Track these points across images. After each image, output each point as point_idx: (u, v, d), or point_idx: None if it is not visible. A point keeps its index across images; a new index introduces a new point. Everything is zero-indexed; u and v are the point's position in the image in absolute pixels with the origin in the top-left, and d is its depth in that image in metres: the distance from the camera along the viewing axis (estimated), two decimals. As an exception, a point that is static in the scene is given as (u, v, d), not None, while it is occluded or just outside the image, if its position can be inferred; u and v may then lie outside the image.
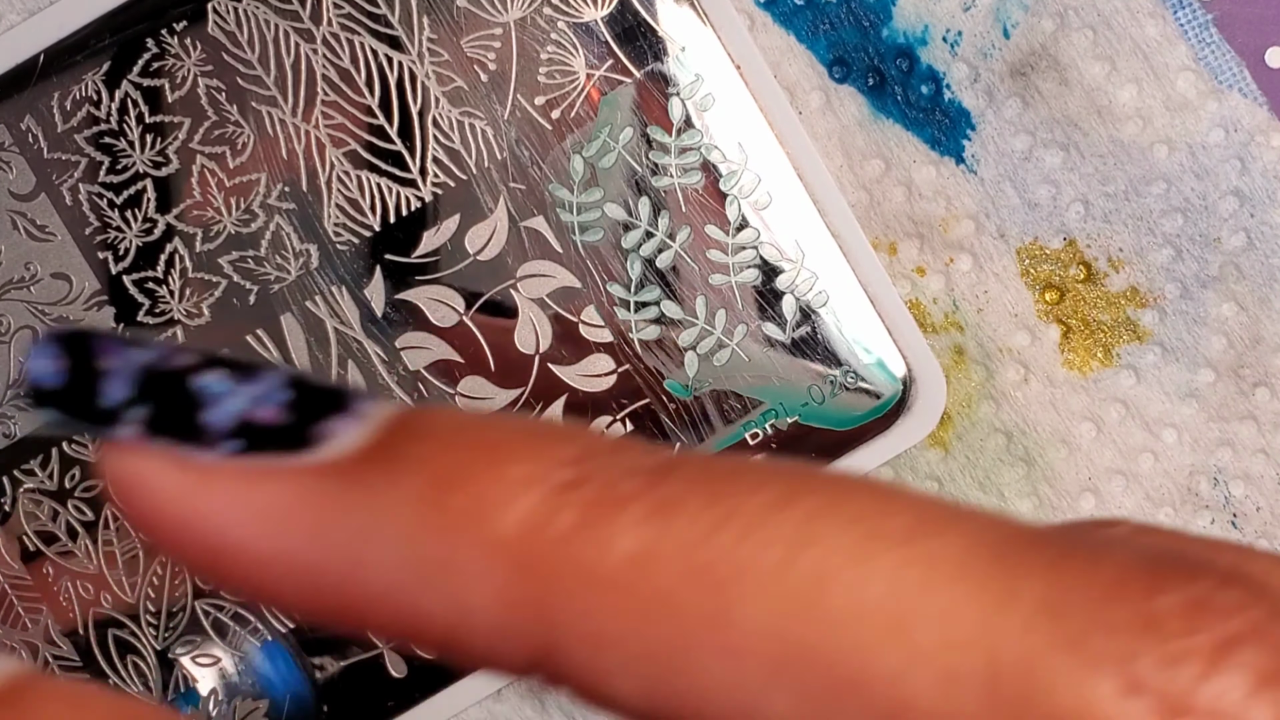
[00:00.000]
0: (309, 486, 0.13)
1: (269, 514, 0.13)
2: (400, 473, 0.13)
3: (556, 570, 0.12)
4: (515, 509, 0.13)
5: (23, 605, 0.27)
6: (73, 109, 0.27)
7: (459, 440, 0.13)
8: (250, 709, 0.27)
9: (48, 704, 0.12)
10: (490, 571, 0.13)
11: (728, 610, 0.12)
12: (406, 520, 0.13)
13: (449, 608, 0.13)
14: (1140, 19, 0.28)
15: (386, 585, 0.13)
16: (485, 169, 0.27)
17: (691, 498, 0.12)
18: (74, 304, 0.27)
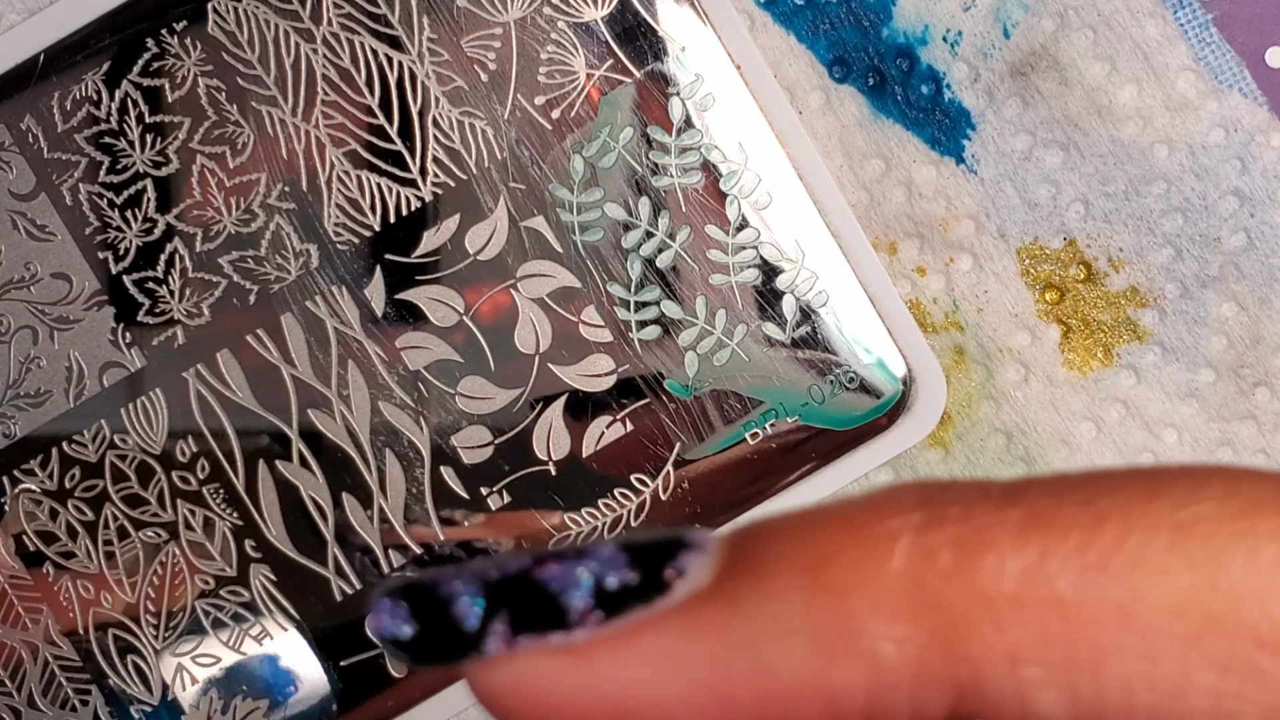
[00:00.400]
0: (689, 622, 0.13)
1: (665, 660, 0.13)
2: (768, 574, 0.13)
3: (956, 602, 0.13)
4: (894, 561, 0.13)
5: (23, 605, 0.27)
6: (73, 109, 0.27)
7: (803, 528, 0.13)
8: (250, 709, 0.27)
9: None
10: (893, 622, 0.13)
11: (1135, 597, 0.13)
12: (795, 611, 0.13)
13: (864, 673, 0.13)
14: (1140, 19, 0.28)
15: (799, 679, 0.13)
16: (485, 169, 0.27)
17: (1053, 509, 0.13)
18: (74, 304, 0.27)
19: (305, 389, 0.27)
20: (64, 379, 0.27)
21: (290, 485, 0.27)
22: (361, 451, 0.27)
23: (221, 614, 0.27)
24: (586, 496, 0.27)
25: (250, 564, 0.27)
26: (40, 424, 0.27)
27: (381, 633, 0.13)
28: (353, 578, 0.27)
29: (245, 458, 0.27)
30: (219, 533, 0.27)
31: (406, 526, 0.27)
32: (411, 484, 0.27)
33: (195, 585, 0.27)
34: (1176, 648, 0.13)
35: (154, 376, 0.27)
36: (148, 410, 0.27)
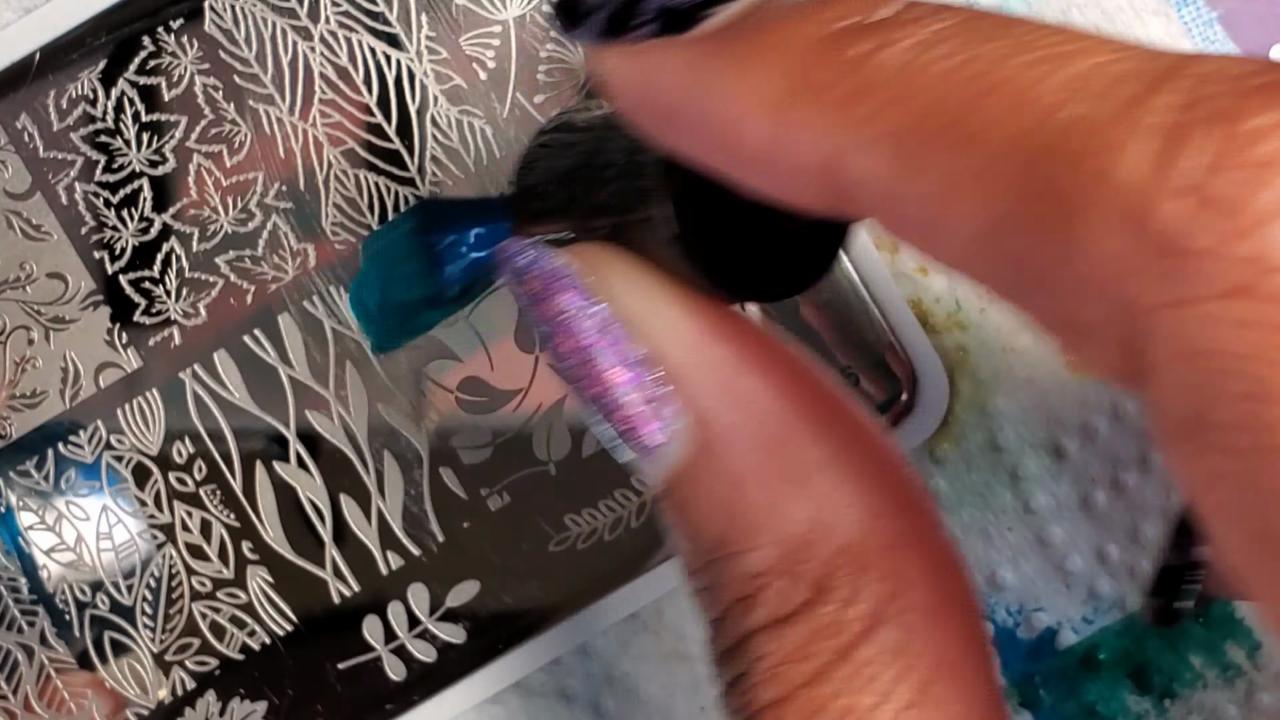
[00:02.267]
0: (683, 55, 0.17)
1: (672, 70, 0.18)
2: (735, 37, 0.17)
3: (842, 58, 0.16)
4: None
5: (19, 608, 0.27)
6: (69, 107, 0.27)
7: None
8: (248, 712, 0.27)
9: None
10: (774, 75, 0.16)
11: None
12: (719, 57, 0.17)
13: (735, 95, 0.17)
14: (1144, 17, 0.28)
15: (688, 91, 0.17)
16: (484, 168, 0.27)
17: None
18: (70, 303, 0.27)
19: (303, 390, 0.27)
20: (59, 379, 0.27)
21: (288, 487, 0.27)
22: (360, 452, 0.27)
23: (218, 616, 0.27)
24: (587, 497, 0.27)
25: (248, 566, 0.27)
26: (36, 425, 0.27)
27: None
28: (351, 579, 0.27)
29: (242, 459, 0.27)
30: (216, 534, 0.27)
31: (405, 528, 0.27)
32: (410, 485, 0.27)
33: (192, 588, 0.27)
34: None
35: (150, 377, 0.27)
36: (144, 411, 0.27)
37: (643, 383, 0.19)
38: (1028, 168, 0.14)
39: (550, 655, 0.28)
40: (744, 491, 0.18)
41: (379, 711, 0.27)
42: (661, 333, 0.19)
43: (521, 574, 0.27)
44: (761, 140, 0.16)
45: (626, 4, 0.18)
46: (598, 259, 0.20)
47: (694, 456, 0.19)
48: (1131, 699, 0.29)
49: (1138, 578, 0.29)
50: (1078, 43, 0.14)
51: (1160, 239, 0.13)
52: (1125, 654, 0.29)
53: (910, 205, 0.15)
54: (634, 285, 0.19)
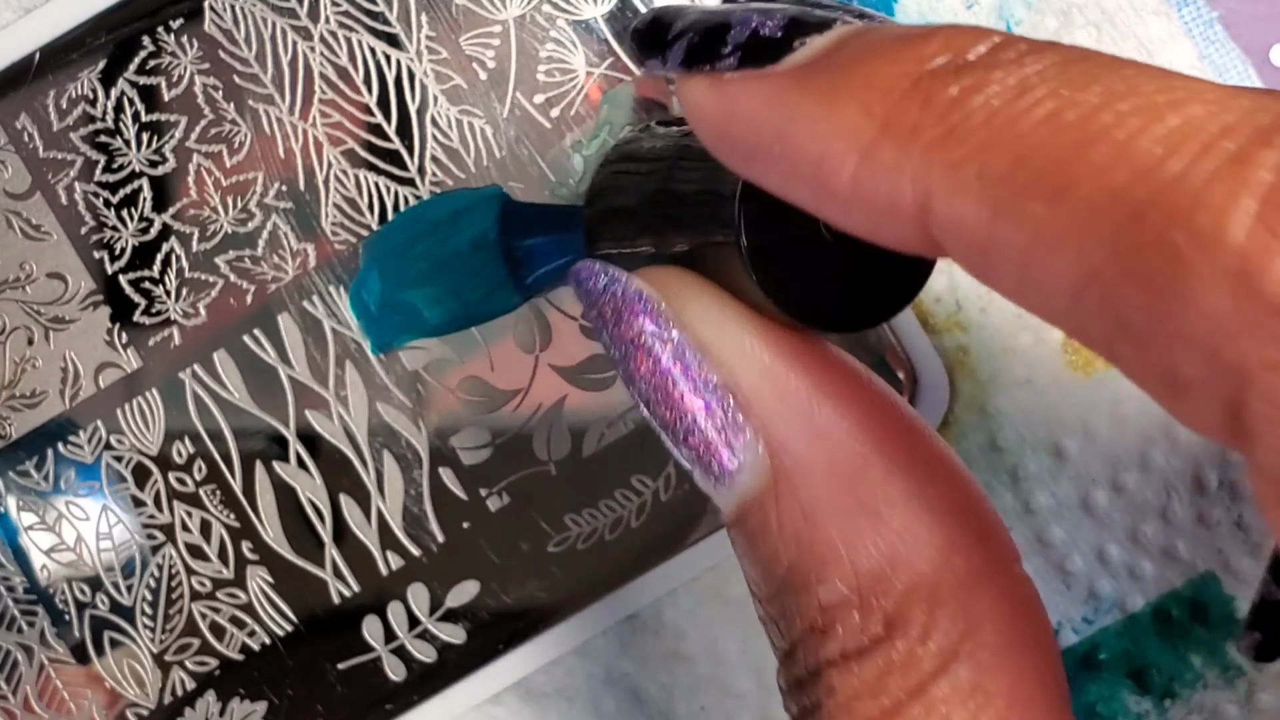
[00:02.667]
0: (770, 88, 0.17)
1: (757, 102, 0.18)
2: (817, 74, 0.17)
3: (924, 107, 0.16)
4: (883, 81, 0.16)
5: (18, 608, 0.27)
6: (68, 107, 0.27)
7: (849, 47, 0.17)
8: (248, 712, 0.27)
9: None
10: (864, 115, 0.16)
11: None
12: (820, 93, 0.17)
13: (824, 133, 0.17)
14: (1145, 16, 0.28)
15: (783, 124, 0.17)
16: (484, 168, 0.27)
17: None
18: (69, 304, 0.27)
19: (303, 390, 0.27)
20: (59, 380, 0.27)
21: (288, 487, 0.27)
22: (359, 452, 0.27)
23: (218, 616, 0.27)
24: (587, 497, 0.27)
25: (247, 566, 0.27)
26: (36, 425, 0.27)
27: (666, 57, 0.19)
28: (350, 580, 0.27)
29: (242, 459, 0.27)
30: (216, 534, 0.27)
31: (405, 528, 0.27)
32: (410, 485, 0.27)
33: (192, 588, 0.27)
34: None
35: (150, 377, 0.27)
36: (144, 411, 0.27)
37: (717, 409, 0.19)
38: (1129, 222, 0.14)
39: (550, 655, 0.28)
40: (818, 523, 0.18)
41: (379, 712, 0.27)
42: (736, 360, 0.19)
43: (521, 574, 0.27)
44: (849, 180, 0.16)
45: (711, 32, 0.18)
46: (673, 284, 0.20)
47: (767, 485, 0.19)
48: (1132, 699, 0.29)
49: (1138, 578, 0.29)
50: (1177, 90, 0.14)
51: (1271, 300, 0.13)
52: (1125, 654, 0.29)
53: (1002, 253, 0.15)
54: (709, 311, 0.19)
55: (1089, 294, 0.14)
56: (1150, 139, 0.14)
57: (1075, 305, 0.14)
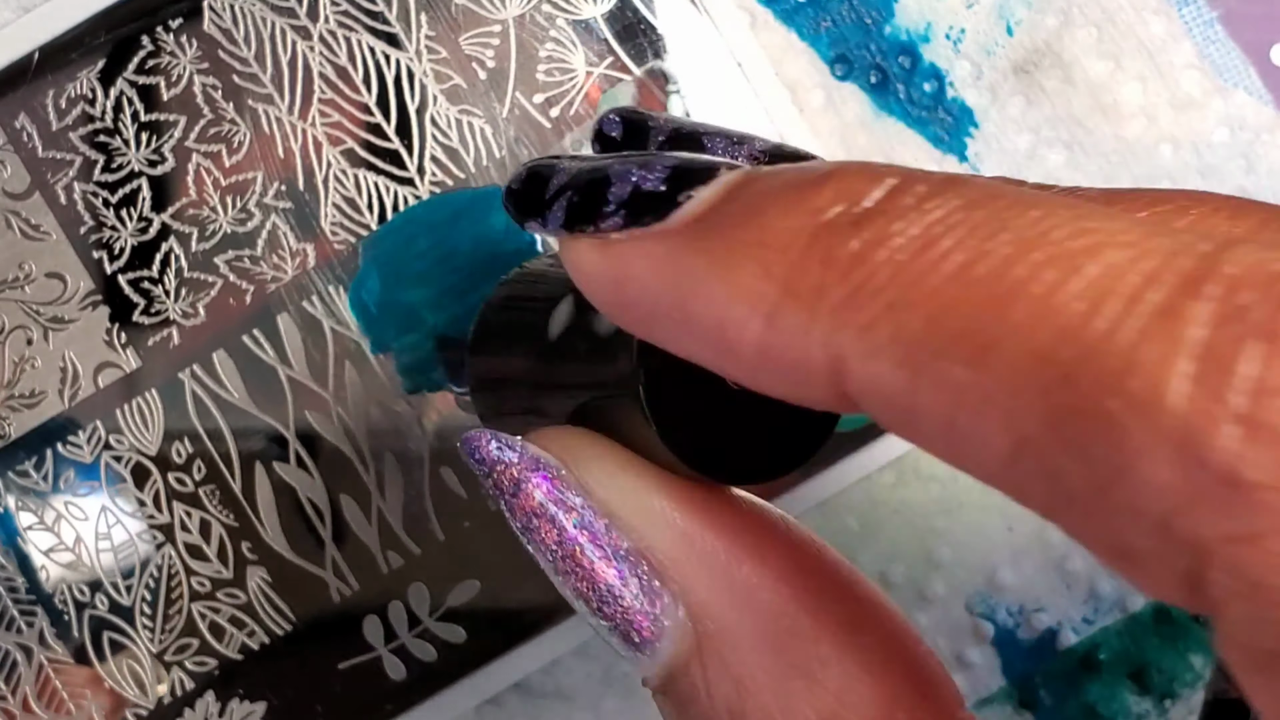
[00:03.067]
0: (661, 249, 0.17)
1: (649, 265, 0.17)
2: (710, 231, 0.16)
3: (824, 265, 0.15)
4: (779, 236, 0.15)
5: (18, 608, 0.27)
6: (67, 107, 0.27)
7: (739, 200, 0.16)
8: (247, 712, 0.27)
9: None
10: (763, 277, 0.15)
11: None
12: (717, 254, 0.16)
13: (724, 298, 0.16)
14: (1145, 16, 0.28)
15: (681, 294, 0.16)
16: (484, 167, 0.27)
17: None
18: (69, 303, 0.27)
19: (302, 389, 0.27)
20: (58, 380, 0.27)
21: (287, 486, 0.27)
22: (359, 452, 0.27)
23: (218, 616, 0.27)
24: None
25: (247, 566, 0.27)
26: (35, 425, 0.27)
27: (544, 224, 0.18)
28: (350, 579, 0.27)
29: (242, 459, 0.27)
30: (215, 535, 0.27)
31: (405, 527, 0.27)
32: (410, 484, 0.27)
33: (191, 588, 0.27)
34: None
35: (149, 377, 0.27)
36: (143, 411, 0.27)
37: (631, 577, 0.18)
38: (1058, 386, 0.13)
39: (550, 655, 0.28)
40: (750, 690, 0.17)
41: (379, 711, 0.27)
42: (647, 523, 0.18)
43: (522, 574, 0.27)
44: (755, 344, 0.15)
45: (591, 188, 0.17)
46: (572, 445, 0.19)
47: (691, 651, 0.18)
48: (1132, 699, 0.29)
49: (1138, 578, 0.29)
50: (1091, 234, 0.13)
51: (1219, 471, 0.12)
52: (1125, 654, 0.29)
53: (926, 418, 0.14)
54: (613, 473, 0.18)
55: (1022, 462, 0.13)
56: (1070, 294, 0.13)
57: (1008, 471, 0.14)
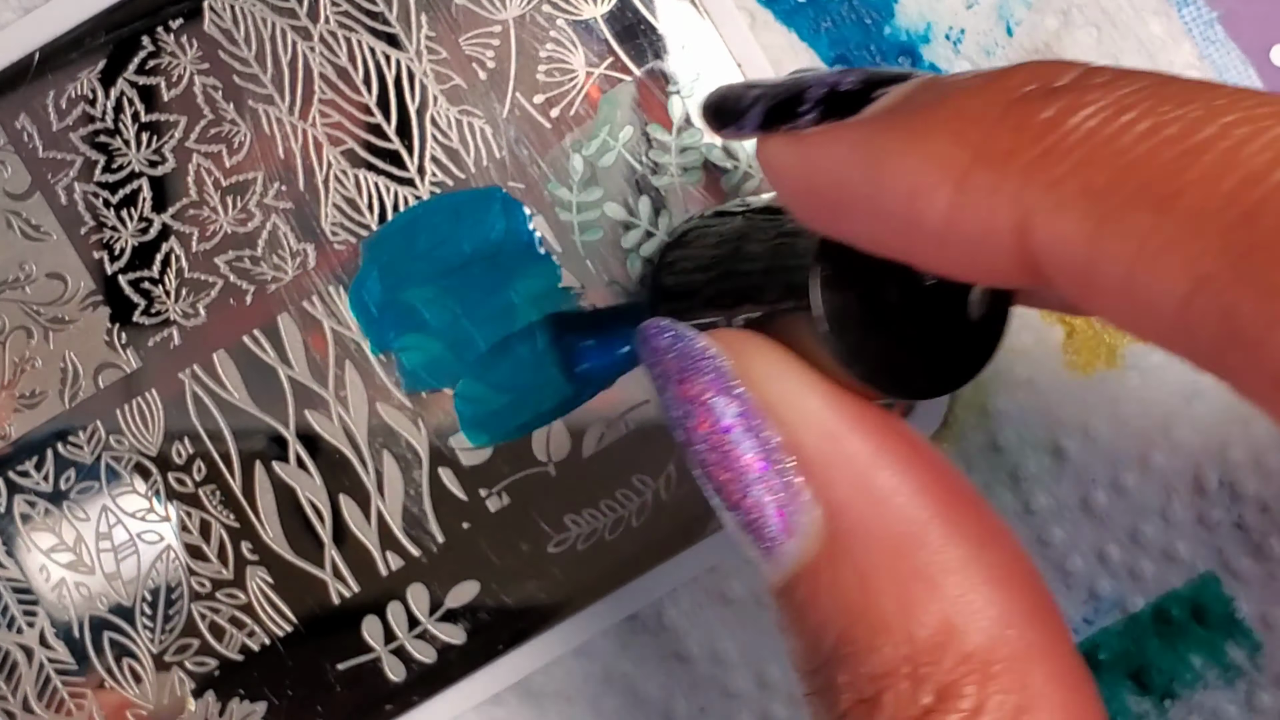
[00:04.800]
0: (856, 135, 0.18)
1: (842, 151, 0.18)
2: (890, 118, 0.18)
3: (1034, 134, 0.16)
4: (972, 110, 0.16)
5: (18, 609, 0.27)
6: (68, 107, 0.27)
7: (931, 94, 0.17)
8: (247, 712, 0.27)
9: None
10: (957, 144, 0.16)
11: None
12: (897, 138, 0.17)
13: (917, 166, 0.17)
14: (1145, 16, 0.28)
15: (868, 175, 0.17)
16: (484, 168, 0.27)
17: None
18: (69, 304, 0.27)
19: (302, 390, 0.27)
20: (59, 380, 0.27)
21: (287, 487, 0.27)
22: (359, 453, 0.27)
23: (218, 617, 0.27)
24: (587, 497, 0.27)
25: (247, 566, 0.27)
26: (35, 425, 0.27)
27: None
28: (350, 580, 0.27)
29: (242, 459, 0.27)
30: (215, 535, 0.27)
31: (404, 528, 0.27)
32: (409, 485, 0.27)
33: (191, 588, 0.27)
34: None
35: (150, 377, 0.27)
36: (143, 411, 0.27)
37: (776, 470, 0.19)
38: (1241, 224, 0.14)
39: (550, 656, 0.28)
40: (871, 589, 0.18)
41: (378, 712, 0.27)
42: (799, 421, 0.19)
43: (521, 574, 0.27)
44: (944, 210, 0.16)
45: (789, 92, 0.19)
46: (740, 344, 0.20)
47: (821, 551, 0.18)
48: (1132, 699, 0.29)
49: (1138, 578, 0.29)
50: (1275, 104, 0.14)
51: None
52: (1125, 654, 0.29)
53: (1108, 268, 0.15)
54: (774, 372, 0.19)
55: (1198, 301, 0.14)
56: (1258, 147, 0.14)
57: (1182, 315, 0.14)
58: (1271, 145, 0.14)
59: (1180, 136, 0.14)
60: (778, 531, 0.19)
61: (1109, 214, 0.15)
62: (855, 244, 0.18)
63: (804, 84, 0.19)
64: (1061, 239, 0.15)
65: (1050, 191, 0.15)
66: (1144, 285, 0.15)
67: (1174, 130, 0.14)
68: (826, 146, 0.18)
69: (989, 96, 0.16)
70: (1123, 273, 0.15)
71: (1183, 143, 0.14)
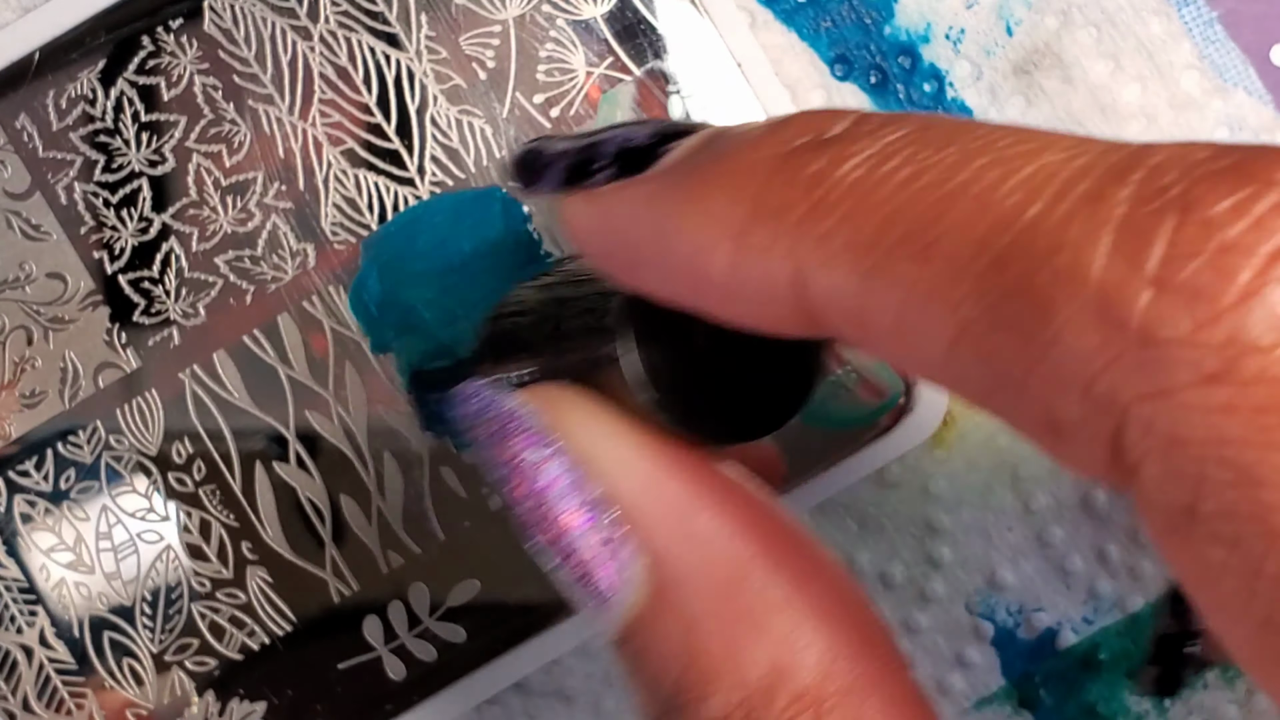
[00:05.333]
0: (643, 193, 0.18)
1: (633, 209, 0.18)
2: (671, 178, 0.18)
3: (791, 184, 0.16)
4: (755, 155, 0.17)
5: (18, 608, 0.27)
6: (68, 107, 0.27)
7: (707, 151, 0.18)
8: (247, 712, 0.27)
9: None
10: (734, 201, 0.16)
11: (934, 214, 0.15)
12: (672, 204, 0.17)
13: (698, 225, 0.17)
14: (1144, 16, 0.28)
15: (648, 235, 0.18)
16: (484, 167, 0.27)
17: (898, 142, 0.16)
18: (69, 304, 0.27)
19: (302, 390, 0.27)
20: (59, 380, 0.27)
21: (287, 487, 0.27)
22: (359, 452, 0.27)
23: (218, 616, 0.27)
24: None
25: (247, 566, 0.27)
26: (35, 425, 0.27)
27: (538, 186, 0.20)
28: (350, 579, 0.27)
29: (242, 459, 0.27)
30: (215, 534, 0.27)
31: (405, 527, 0.27)
32: (410, 485, 0.27)
33: (192, 587, 0.27)
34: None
35: (150, 377, 0.27)
36: (143, 411, 0.27)
37: (598, 524, 0.19)
38: (993, 270, 0.14)
39: (550, 655, 0.28)
40: (700, 635, 0.18)
41: (379, 711, 0.27)
42: (615, 471, 0.19)
43: (522, 574, 0.27)
44: (726, 267, 0.17)
45: (584, 150, 0.19)
46: (554, 398, 0.20)
47: (651, 600, 0.18)
48: (1132, 699, 0.29)
49: (1138, 578, 0.29)
50: (1030, 142, 0.14)
51: (1135, 331, 0.13)
52: (1125, 654, 0.29)
53: (877, 318, 0.15)
54: (590, 423, 0.19)
55: (962, 347, 0.14)
56: (1007, 189, 0.14)
57: (950, 360, 0.15)
58: (1021, 186, 0.14)
59: (938, 182, 0.15)
60: (606, 585, 0.19)
61: (874, 266, 0.15)
62: (653, 297, 0.18)
63: (600, 140, 0.19)
64: (833, 291, 0.15)
65: (820, 246, 0.15)
66: (912, 333, 0.15)
67: (933, 176, 0.15)
68: (618, 205, 0.18)
69: (765, 150, 0.16)
70: (891, 322, 0.15)
71: (940, 188, 0.15)
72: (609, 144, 0.19)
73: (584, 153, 0.19)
